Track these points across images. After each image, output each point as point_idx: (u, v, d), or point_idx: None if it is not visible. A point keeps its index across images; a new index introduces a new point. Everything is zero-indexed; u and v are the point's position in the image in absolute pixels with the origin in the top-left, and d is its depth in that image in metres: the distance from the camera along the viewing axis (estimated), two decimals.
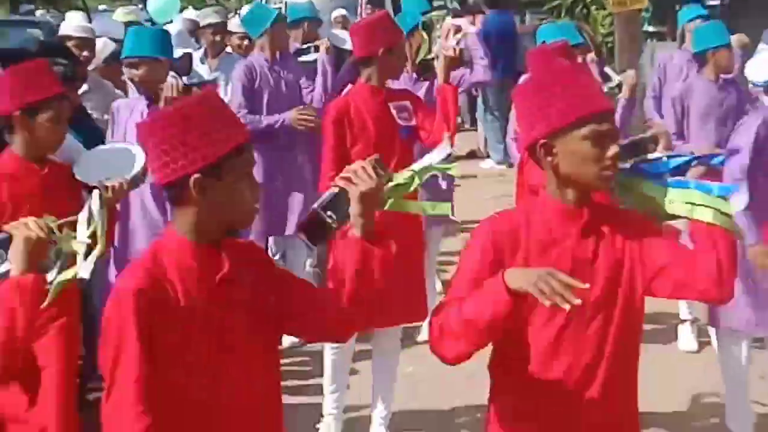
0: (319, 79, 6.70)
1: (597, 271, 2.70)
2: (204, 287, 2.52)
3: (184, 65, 7.20)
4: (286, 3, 14.72)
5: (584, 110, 2.64)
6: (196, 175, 2.45)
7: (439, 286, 7.20)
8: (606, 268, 2.70)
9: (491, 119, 12.15)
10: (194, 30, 9.25)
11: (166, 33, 5.44)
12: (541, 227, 2.71)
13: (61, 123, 4.05)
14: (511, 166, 10.45)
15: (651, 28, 18.44)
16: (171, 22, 9.49)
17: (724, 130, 5.98)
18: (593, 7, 17.47)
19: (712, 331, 5.47)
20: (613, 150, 2.64)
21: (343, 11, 12.28)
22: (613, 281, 2.71)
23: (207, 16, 8.44)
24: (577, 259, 2.69)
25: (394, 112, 4.98)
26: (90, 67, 6.70)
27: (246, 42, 8.10)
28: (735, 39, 6.67)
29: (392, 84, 5.41)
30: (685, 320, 6.47)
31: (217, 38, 8.06)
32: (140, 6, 24.80)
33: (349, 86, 7.15)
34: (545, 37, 7.25)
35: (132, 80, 5.17)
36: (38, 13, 24.00)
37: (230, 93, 6.65)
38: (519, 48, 11.78)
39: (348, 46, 6.82)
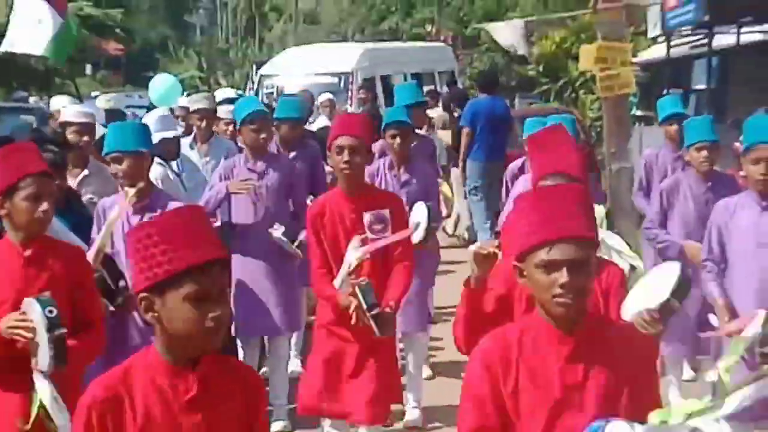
0: None
1: (587, 396, 2.68)
2: (170, 407, 2.51)
3: (172, 149, 7.22)
4: (277, 88, 14.91)
5: (538, 237, 2.66)
6: (142, 294, 2.48)
7: (427, 372, 7.23)
8: (597, 394, 2.67)
9: (476, 199, 12.06)
10: (186, 116, 9.34)
11: (146, 126, 5.52)
12: (531, 351, 2.71)
13: (39, 200, 3.92)
14: None
15: (639, 112, 18.67)
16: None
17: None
18: (582, 91, 17.73)
19: None
20: (561, 279, 2.62)
21: (329, 95, 12.37)
22: (606, 406, 2.67)
23: (196, 102, 8.48)
24: (566, 385, 2.68)
25: (366, 221, 4.88)
26: None
27: (231, 127, 8.12)
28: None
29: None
30: None
31: (203, 124, 8.05)
32: (137, 94, 25.06)
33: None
34: (530, 131, 7.34)
35: (115, 175, 5.19)
36: (32, 99, 24.20)
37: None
38: (511, 133, 11.88)
39: None
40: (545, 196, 2.80)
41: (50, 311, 3.68)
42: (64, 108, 7.67)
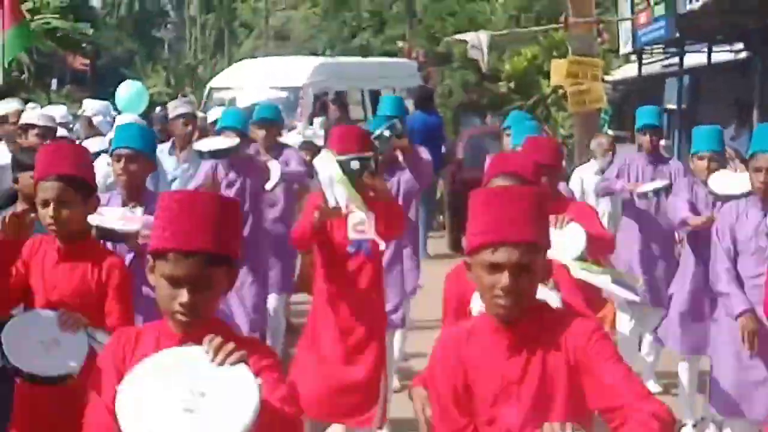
0: None
1: (524, 390, 2.71)
2: None
3: None
4: (228, 102, 14.54)
5: (484, 238, 2.70)
6: (149, 256, 2.67)
7: (396, 384, 7.06)
8: (534, 388, 2.71)
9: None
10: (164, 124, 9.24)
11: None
12: (476, 344, 2.78)
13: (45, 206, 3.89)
14: None
15: (610, 132, 18.63)
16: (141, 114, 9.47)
17: None
18: (554, 109, 17.66)
19: None
20: (503, 281, 2.65)
21: None
22: (544, 399, 2.70)
23: (178, 107, 8.35)
24: (504, 378, 2.73)
25: (350, 222, 4.96)
26: None
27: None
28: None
29: None
30: None
31: (189, 128, 7.94)
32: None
33: None
34: (513, 123, 7.55)
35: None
36: None
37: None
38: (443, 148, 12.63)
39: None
40: (496, 197, 2.80)
41: None
42: (26, 111, 7.59)
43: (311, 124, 13.37)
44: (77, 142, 7.39)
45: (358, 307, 5.10)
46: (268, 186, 7.12)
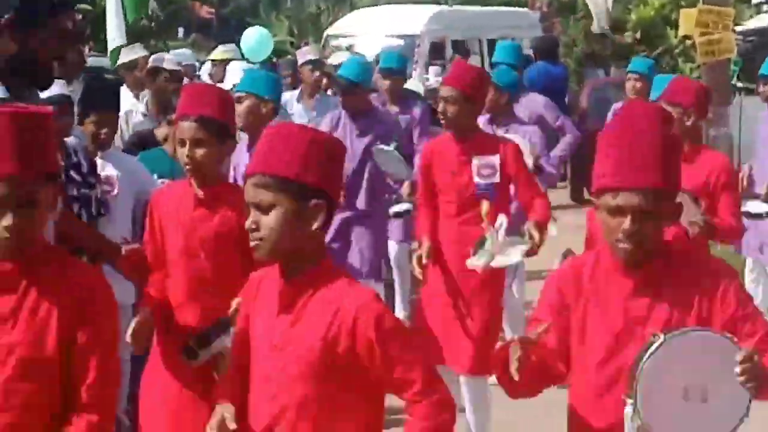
0: None
1: (650, 330, 2.68)
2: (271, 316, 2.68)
3: None
4: (347, 48, 14.53)
5: (607, 181, 2.70)
6: None
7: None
8: (660, 329, 2.67)
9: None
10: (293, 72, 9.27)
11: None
12: (601, 279, 2.78)
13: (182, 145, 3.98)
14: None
15: (740, 84, 18.07)
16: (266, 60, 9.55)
17: None
18: (681, 59, 17.19)
19: None
20: (624, 225, 2.61)
21: None
22: None
23: (306, 54, 8.41)
24: (629, 318, 2.72)
25: (475, 167, 4.92)
26: None
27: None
28: None
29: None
30: None
31: (317, 75, 7.98)
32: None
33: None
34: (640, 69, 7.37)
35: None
36: None
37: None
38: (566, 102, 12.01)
39: None
40: (621, 138, 2.75)
41: None
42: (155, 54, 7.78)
43: (427, 72, 13.30)
44: None
45: None
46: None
